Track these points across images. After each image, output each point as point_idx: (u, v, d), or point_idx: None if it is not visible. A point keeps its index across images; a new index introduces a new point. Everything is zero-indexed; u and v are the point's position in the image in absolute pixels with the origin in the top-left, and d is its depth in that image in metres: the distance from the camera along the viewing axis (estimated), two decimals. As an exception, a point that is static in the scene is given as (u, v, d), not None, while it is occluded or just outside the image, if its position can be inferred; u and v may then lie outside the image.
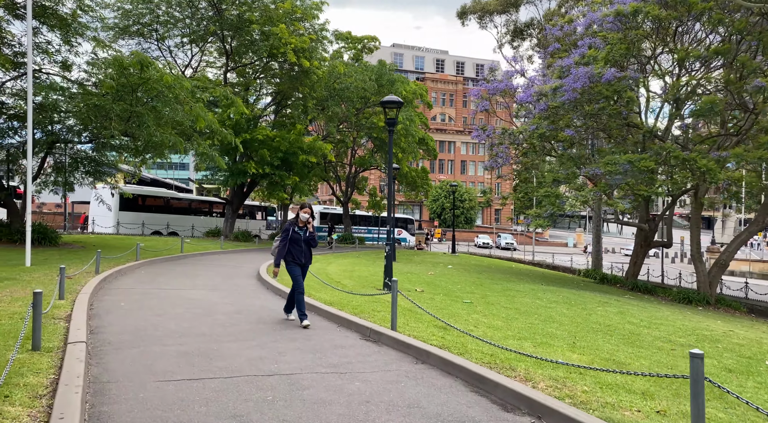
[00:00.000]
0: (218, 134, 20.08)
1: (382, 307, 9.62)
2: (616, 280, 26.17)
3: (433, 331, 7.87)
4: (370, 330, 7.44)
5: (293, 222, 8.24)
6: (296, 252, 8.12)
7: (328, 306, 9.47)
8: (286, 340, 7.02)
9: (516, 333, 8.45)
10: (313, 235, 8.27)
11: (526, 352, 6.79)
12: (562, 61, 19.46)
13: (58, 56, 18.38)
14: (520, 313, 10.75)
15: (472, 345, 7.02)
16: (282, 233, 8.22)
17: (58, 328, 6.83)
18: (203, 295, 10.88)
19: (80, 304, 8.54)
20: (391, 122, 12.82)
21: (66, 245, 20.30)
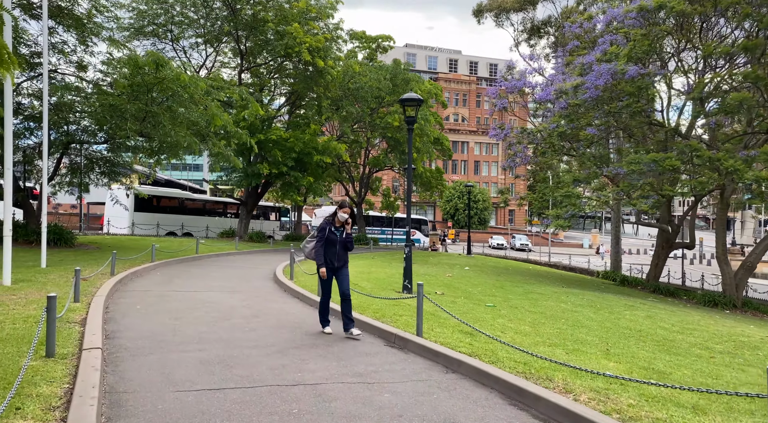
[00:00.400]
0: (234, 135, 19.91)
1: (404, 311, 9.31)
2: (637, 282, 25.62)
3: (460, 337, 7.54)
4: (395, 336, 7.12)
5: (329, 221, 7.55)
6: (330, 254, 7.46)
7: (349, 310, 9.17)
8: (308, 347, 6.73)
9: (545, 339, 8.09)
10: (350, 238, 7.62)
11: (560, 360, 6.44)
12: (583, 59, 19.01)
13: (74, 56, 18.31)
14: (547, 318, 10.38)
15: (502, 352, 6.68)
16: (317, 232, 7.56)
17: (73, 333, 6.60)
18: (220, 297, 10.64)
19: (96, 307, 8.32)
20: (410, 120, 12.51)
21: (81, 246, 20.24)
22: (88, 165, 21.86)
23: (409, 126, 12.57)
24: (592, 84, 17.71)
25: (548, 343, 7.81)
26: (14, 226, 19.57)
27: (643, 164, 16.61)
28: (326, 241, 7.43)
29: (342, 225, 7.53)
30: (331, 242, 7.45)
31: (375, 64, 34.28)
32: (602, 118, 18.34)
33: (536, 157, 24.65)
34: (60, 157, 20.21)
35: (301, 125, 30.21)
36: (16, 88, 18.09)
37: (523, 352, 6.38)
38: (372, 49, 35.14)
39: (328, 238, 7.43)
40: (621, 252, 32.12)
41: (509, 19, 33.36)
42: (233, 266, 17.67)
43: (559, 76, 22.50)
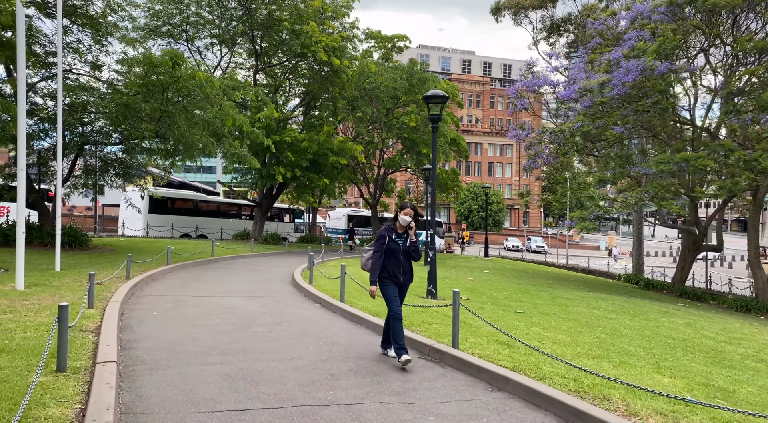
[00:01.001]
0: (250, 135, 19.53)
1: (432, 319, 8.80)
2: (662, 286, 24.89)
3: (497, 348, 7.03)
4: (430, 348, 6.62)
5: (390, 227, 6.41)
6: (393, 266, 6.30)
7: (374, 317, 8.70)
8: (337, 359, 6.25)
9: (587, 350, 7.55)
10: (415, 246, 6.40)
11: (608, 374, 5.91)
12: (610, 55, 18.40)
13: (89, 56, 18.02)
14: (582, 326, 9.83)
15: (546, 366, 6.16)
16: (376, 241, 6.39)
17: (87, 343, 6.18)
18: (239, 303, 10.21)
19: (110, 314, 7.92)
20: (434, 118, 12.01)
21: (96, 249, 19.96)
22: (103, 166, 21.60)
23: (433, 124, 12.08)
24: (620, 81, 17.09)
25: (591, 354, 7.27)
26: (29, 228, 19.44)
27: (673, 164, 15.96)
28: (387, 252, 6.29)
29: (405, 231, 6.36)
30: (393, 252, 6.30)
31: (391, 64, 33.80)
32: (630, 116, 17.68)
33: (557, 158, 24.02)
34: (75, 158, 19.95)
35: (315, 126, 29.81)
36: (32, 88, 17.86)
37: (569, 365, 5.87)
38: (387, 48, 34.64)
39: (388, 248, 6.28)
40: (643, 255, 31.33)
41: (528, 17, 32.79)
42: (250, 269, 17.28)
43: (581, 74, 21.87)
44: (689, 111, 21.35)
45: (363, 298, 10.83)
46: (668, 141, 22.48)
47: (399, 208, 6.42)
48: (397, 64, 34.29)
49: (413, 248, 6.41)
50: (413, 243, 6.39)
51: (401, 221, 6.30)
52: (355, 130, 32.00)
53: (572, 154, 23.53)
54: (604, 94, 17.49)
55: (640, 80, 16.71)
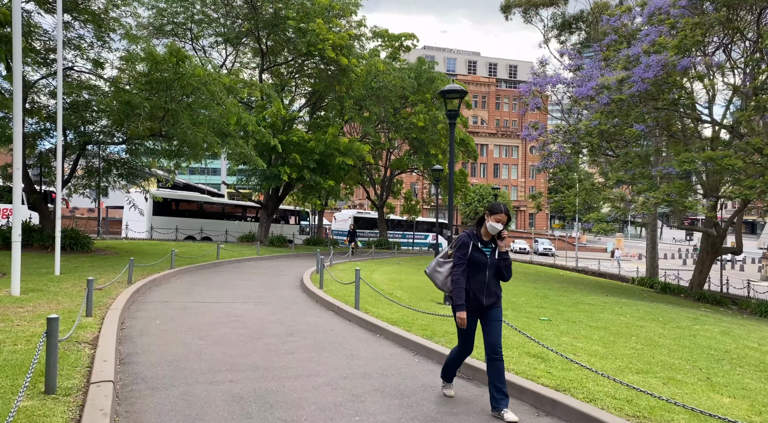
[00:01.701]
0: (256, 134, 18.96)
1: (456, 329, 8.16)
2: (680, 290, 24.17)
3: (531, 361, 6.41)
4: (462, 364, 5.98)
5: (472, 233, 4.88)
6: (475, 285, 4.77)
7: (393, 326, 8.07)
8: (359, 377, 5.63)
9: (627, 363, 6.91)
10: (507, 260, 4.87)
11: (662, 394, 5.29)
12: (629, 50, 17.75)
13: (91, 52, 17.49)
14: (612, 334, 9.18)
15: (591, 384, 5.54)
16: (455, 250, 4.89)
17: (81, 358, 5.58)
18: (247, 310, 9.60)
19: (110, 323, 7.33)
20: (452, 114, 11.41)
21: (98, 251, 19.41)
22: (106, 167, 21.06)
23: (450, 120, 11.48)
24: (639, 77, 16.44)
25: (633, 368, 6.63)
26: (29, 230, 18.92)
27: (698, 163, 15.30)
28: (469, 265, 4.81)
29: (492, 239, 4.90)
30: (478, 266, 4.79)
31: (398, 64, 33.23)
32: (651, 113, 17.04)
33: (570, 158, 23.36)
34: (76, 158, 19.43)
35: (322, 126, 29.26)
36: (32, 86, 17.35)
37: (619, 383, 5.25)
38: (395, 47, 34.07)
39: (472, 260, 4.80)
40: (657, 257, 30.60)
41: (538, 15, 32.13)
42: (257, 273, 16.69)
43: (596, 71, 21.24)
44: (708, 109, 20.68)
45: (378, 305, 10.22)
46: (685, 141, 21.82)
47: (488, 212, 4.83)
48: (404, 62, 33.73)
49: (504, 262, 4.85)
50: (504, 255, 4.86)
51: (489, 229, 4.77)
52: (363, 131, 31.40)
53: (586, 154, 22.86)
54: (623, 91, 16.84)
55: (661, 76, 16.06)
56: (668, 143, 22.77)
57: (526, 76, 28.94)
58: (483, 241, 4.86)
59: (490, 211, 4.82)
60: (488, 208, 4.89)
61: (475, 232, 4.90)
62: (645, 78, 16.16)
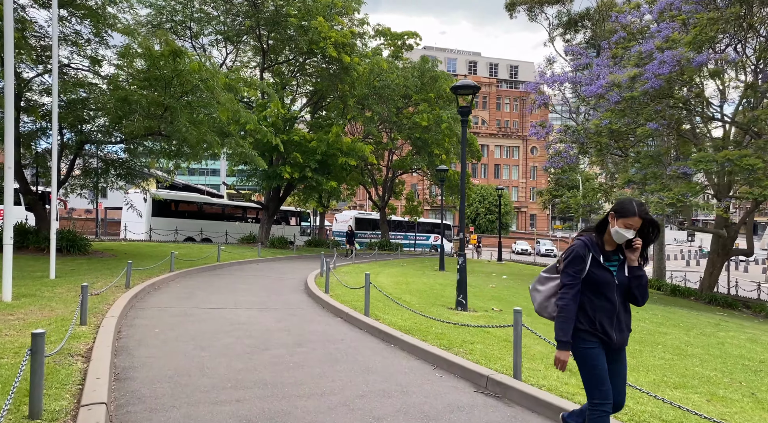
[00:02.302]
0: (258, 132, 18.48)
1: (474, 337, 7.69)
2: (690, 292, 23.68)
3: (561, 375, 5.92)
4: (488, 379, 5.49)
5: (591, 242, 3.56)
6: (600, 312, 3.47)
7: (407, 335, 7.58)
8: (377, 395, 5.13)
9: (661, 376, 6.43)
10: (643, 279, 3.53)
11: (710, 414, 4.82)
12: (642, 47, 17.28)
13: (88, 49, 16.99)
14: (637, 342, 8.71)
15: (630, 401, 5.05)
16: (566, 265, 3.56)
17: (73, 373, 5.09)
18: (251, 316, 9.11)
19: (105, 332, 6.84)
20: (464, 111, 10.93)
21: (96, 254, 18.90)
22: (104, 168, 20.54)
23: (463, 118, 11.00)
24: (653, 73, 15.97)
25: (670, 382, 6.15)
26: (25, 232, 18.40)
27: (715, 163, 14.82)
28: (589, 285, 3.50)
29: (616, 250, 3.57)
30: (601, 287, 3.48)
31: (401, 62, 32.75)
32: (666, 111, 16.55)
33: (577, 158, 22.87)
34: (74, 158, 18.91)
35: (323, 126, 28.75)
36: (27, 83, 16.85)
37: (660, 400, 4.77)
38: (397, 46, 33.57)
39: (591, 279, 3.48)
40: (665, 259, 30.11)
41: (544, 13, 31.64)
42: (259, 276, 16.19)
43: (605, 69, 20.78)
44: (719, 107, 20.21)
45: (388, 310, 9.73)
46: (694, 140, 21.36)
47: (615, 213, 3.50)
48: (408, 61, 33.27)
49: (639, 282, 3.51)
50: (637, 271, 3.52)
51: (615, 236, 3.46)
52: (365, 130, 30.88)
53: (593, 154, 22.38)
54: (637, 89, 16.37)
55: (676, 72, 15.59)
56: (677, 143, 22.32)
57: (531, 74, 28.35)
58: (606, 252, 3.52)
59: (618, 212, 3.45)
60: (614, 207, 3.54)
61: (595, 241, 3.54)
62: (659, 74, 15.68)
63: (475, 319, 9.60)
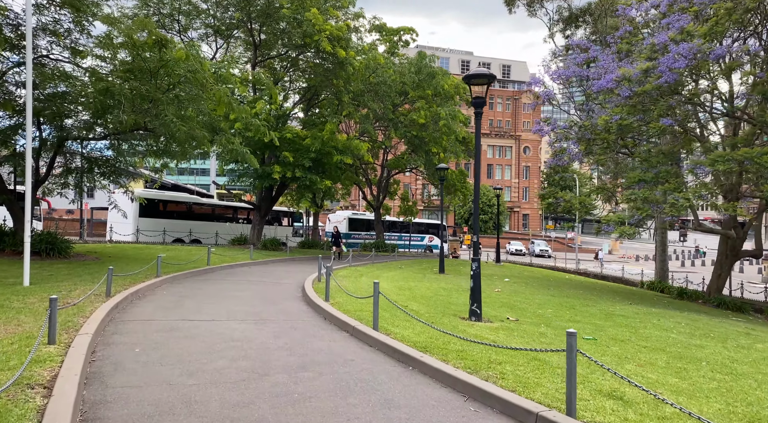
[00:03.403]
0: (250, 126, 17.47)
1: (502, 357, 6.75)
2: (697, 295, 22.95)
3: (612, 405, 5.03)
4: (537, 417, 4.55)
5: None
6: None
7: (426, 355, 6.64)
8: (406, 438, 4.19)
9: (726, 405, 5.54)
10: None
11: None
12: (655, 39, 16.47)
13: (68, 40, 15.88)
14: (676, 358, 7.83)
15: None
16: None
17: (27, 414, 4.10)
18: (246, 330, 8.12)
19: (76, 355, 5.84)
20: (478, 102, 10.00)
21: (78, 257, 17.81)
22: (87, 166, 19.40)
23: (476, 110, 10.06)
24: (668, 67, 15.16)
25: (741, 414, 5.26)
26: (1, 234, 17.29)
27: (733, 161, 14.04)
28: None
29: None
30: None
31: (398, 59, 31.80)
32: (680, 106, 15.76)
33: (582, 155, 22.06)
34: (53, 155, 17.80)
35: (317, 124, 27.74)
36: (2, 75, 15.73)
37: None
38: (393, 42, 32.62)
39: None
40: (667, 260, 29.43)
41: (543, 8, 30.85)
42: (252, 281, 15.18)
43: (612, 63, 19.98)
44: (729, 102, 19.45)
45: (396, 322, 8.78)
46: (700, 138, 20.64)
47: None
48: (404, 57, 32.35)
49: None
50: None
51: None
52: (360, 128, 29.88)
53: (597, 152, 21.56)
54: (650, 82, 15.55)
55: (693, 65, 14.80)
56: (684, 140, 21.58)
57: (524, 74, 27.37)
58: None
59: None
60: None
61: None
62: (674, 68, 14.86)
63: (494, 331, 8.68)
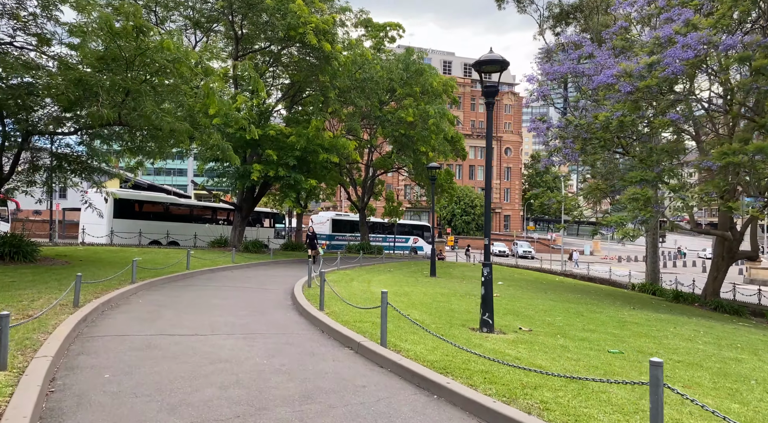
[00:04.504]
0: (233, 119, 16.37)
1: (531, 378, 5.83)
2: (693, 298, 22.44)
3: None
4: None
5: None
6: None
7: (448, 378, 5.70)
8: None
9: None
10: None
11: None
12: (660, 32, 15.80)
13: (33, 26, 14.60)
14: (720, 375, 7.02)
15: None
16: None
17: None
18: (235, 349, 7.08)
19: (30, 385, 4.78)
20: (490, 91, 9.09)
21: (46, 261, 16.47)
22: (56, 163, 18.02)
23: (488, 99, 9.16)
24: (676, 58, 14.49)
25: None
26: (-40, 237, 15.89)
27: (743, 156, 13.40)
28: None
29: None
30: None
31: (384, 55, 30.87)
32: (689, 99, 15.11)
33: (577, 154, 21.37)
34: (18, 152, 16.45)
35: (301, 122, 26.63)
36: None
37: None
38: (379, 38, 31.67)
39: None
40: (658, 262, 28.99)
41: (534, 4, 30.19)
42: (236, 286, 14.08)
43: (609, 59, 19.34)
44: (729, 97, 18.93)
45: (404, 335, 7.82)
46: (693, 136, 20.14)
47: None
48: (391, 53, 31.44)
49: None
50: None
51: None
52: (346, 125, 28.85)
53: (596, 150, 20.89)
54: (655, 76, 14.86)
55: (701, 56, 14.16)
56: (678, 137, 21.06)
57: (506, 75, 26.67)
58: None
59: None
60: None
61: None
62: (684, 59, 14.19)
63: (513, 345, 7.79)
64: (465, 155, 34.76)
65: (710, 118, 20.30)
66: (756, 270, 46.65)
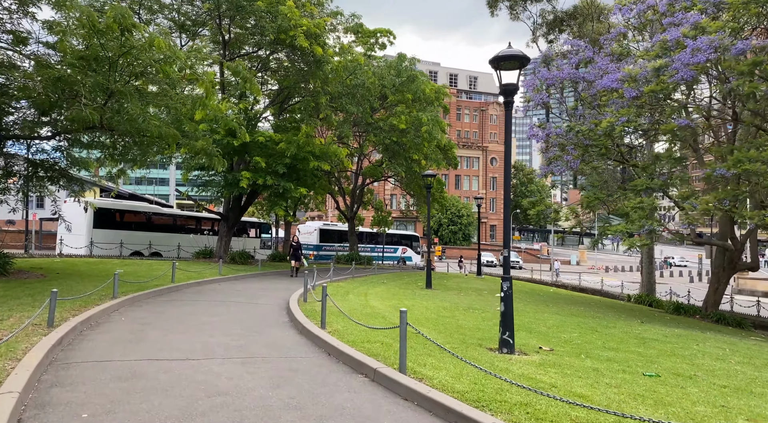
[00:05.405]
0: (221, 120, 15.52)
1: (582, 413, 5.06)
2: (694, 310, 21.93)
3: None
4: None
5: None
6: None
7: (482, 411, 4.92)
8: None
9: None
10: None
11: None
12: (666, 35, 15.33)
13: (9, 23, 13.66)
14: None
15: None
16: None
17: None
18: (234, 376, 6.20)
19: (-10, 432, 3.88)
20: (509, 90, 8.38)
21: (20, 274, 15.36)
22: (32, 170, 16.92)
23: (506, 99, 8.45)
24: (685, 62, 13.99)
25: None
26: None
27: (760, 162, 12.90)
28: None
29: None
30: None
31: (375, 61, 30.24)
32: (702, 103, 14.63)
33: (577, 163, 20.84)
34: (-11, 158, 15.41)
35: (290, 129, 25.78)
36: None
37: None
38: (370, 44, 31.04)
39: None
40: (654, 272, 28.55)
41: (527, 11, 29.86)
42: (226, 301, 13.14)
43: (611, 64, 18.90)
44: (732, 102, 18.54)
45: (421, 358, 7.00)
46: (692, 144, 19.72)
47: None
48: (382, 60, 30.83)
49: None
50: None
51: None
52: (337, 132, 28.06)
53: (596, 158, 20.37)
54: (665, 80, 14.35)
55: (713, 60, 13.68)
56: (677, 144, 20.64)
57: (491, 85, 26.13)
58: None
59: None
60: None
61: None
62: (693, 64, 13.70)
63: (542, 369, 7.02)
64: (457, 163, 34.20)
65: (709, 125, 19.94)
66: (744, 280, 46.53)
